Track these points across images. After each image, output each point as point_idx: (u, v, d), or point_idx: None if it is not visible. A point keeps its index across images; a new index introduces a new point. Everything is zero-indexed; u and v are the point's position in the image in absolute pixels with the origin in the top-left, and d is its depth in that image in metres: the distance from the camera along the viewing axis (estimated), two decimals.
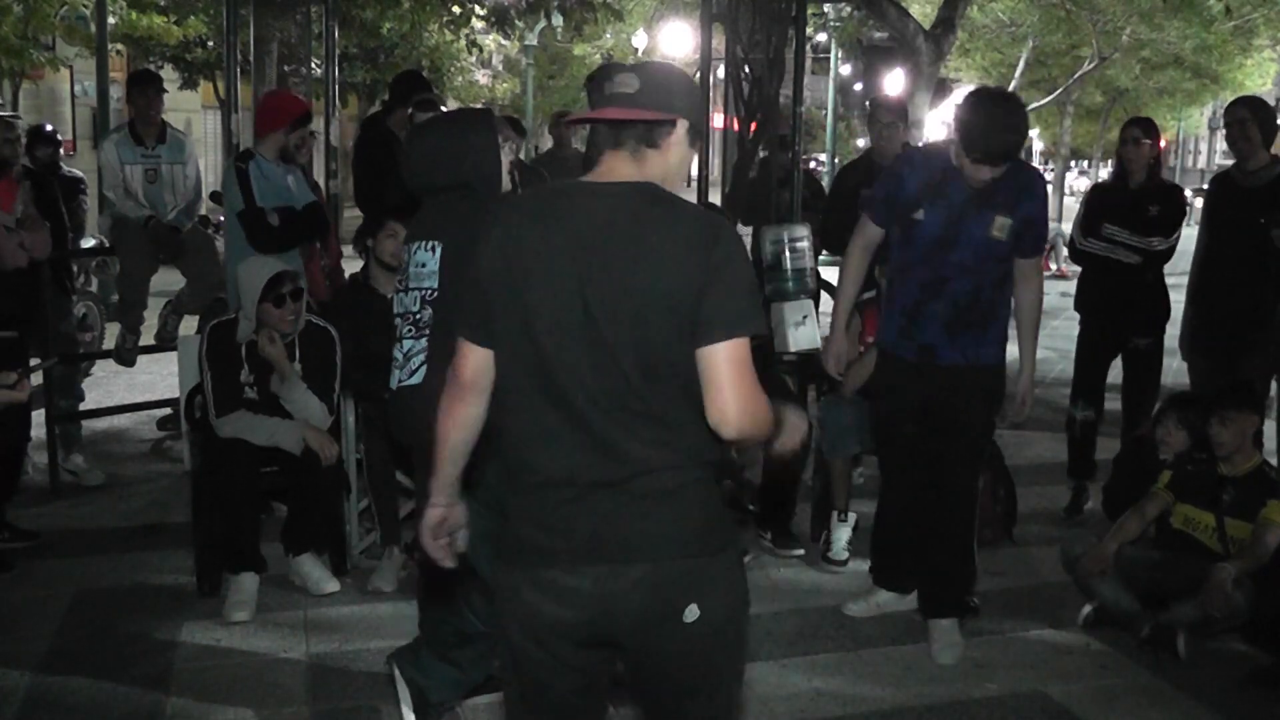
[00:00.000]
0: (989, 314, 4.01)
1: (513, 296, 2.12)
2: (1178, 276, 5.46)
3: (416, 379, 3.24)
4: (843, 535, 4.92)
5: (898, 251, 4.06)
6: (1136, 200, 5.36)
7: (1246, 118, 5.08)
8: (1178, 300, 5.45)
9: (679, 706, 2.26)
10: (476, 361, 2.22)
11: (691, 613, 2.12)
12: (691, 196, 8.43)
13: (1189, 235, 5.46)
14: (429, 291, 3.22)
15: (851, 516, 4.93)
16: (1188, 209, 5.80)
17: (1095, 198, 5.70)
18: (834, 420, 4.97)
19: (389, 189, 6.10)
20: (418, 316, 3.24)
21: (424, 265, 3.22)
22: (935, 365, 4.01)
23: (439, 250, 3.20)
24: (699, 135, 2.26)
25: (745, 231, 6.70)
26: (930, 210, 3.90)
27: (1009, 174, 3.85)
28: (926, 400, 4.05)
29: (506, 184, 3.29)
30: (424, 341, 3.24)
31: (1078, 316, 5.72)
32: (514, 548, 2.19)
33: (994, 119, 3.72)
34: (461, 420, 2.28)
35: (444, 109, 5.83)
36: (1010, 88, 23.03)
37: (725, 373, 2.05)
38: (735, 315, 2.06)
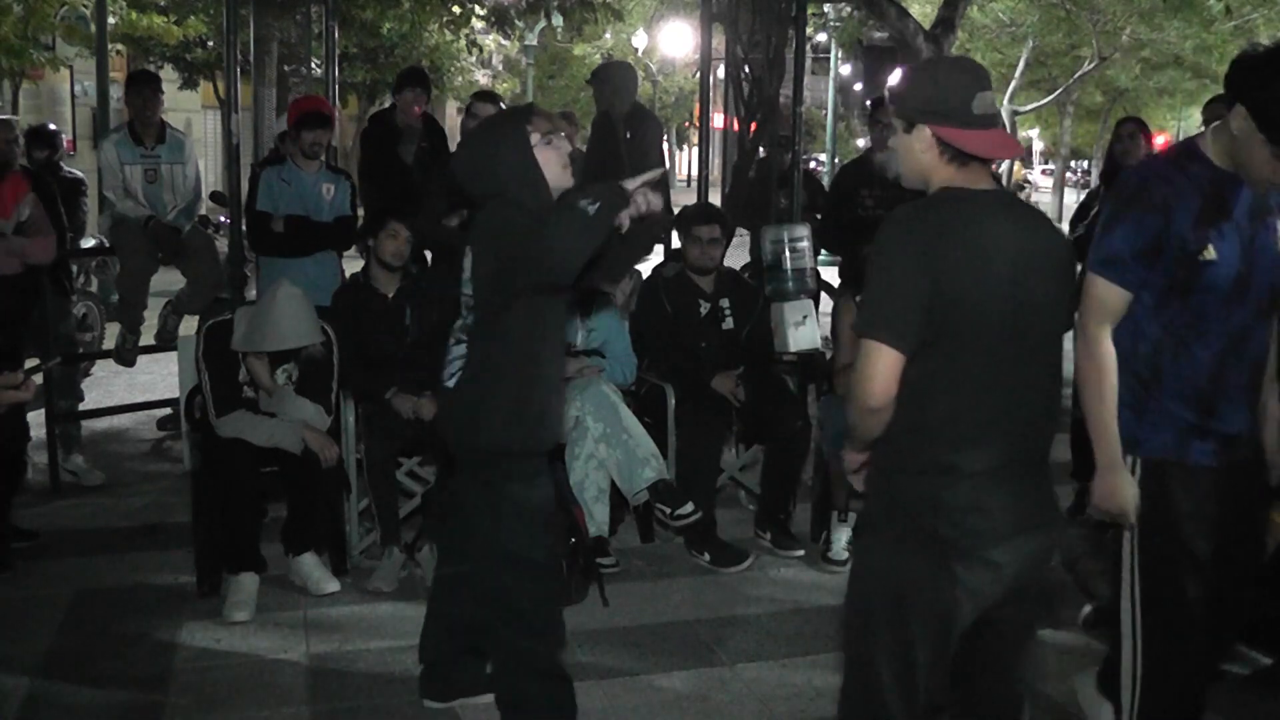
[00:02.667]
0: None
1: (951, 299, 2.28)
2: None
3: (450, 383, 3.26)
4: (843, 535, 4.91)
5: (1172, 315, 2.80)
6: None
7: (1221, 113, 5.08)
8: None
9: (1026, 640, 2.60)
10: (893, 366, 2.33)
11: (1054, 559, 2.55)
12: (690, 197, 8.45)
13: None
14: (469, 298, 3.24)
15: (852, 516, 4.93)
16: None
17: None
18: (834, 420, 4.98)
19: (391, 183, 6.12)
20: (465, 322, 3.25)
21: (465, 271, 3.23)
22: (1236, 464, 2.86)
23: (471, 257, 3.21)
24: None
25: (745, 231, 6.71)
26: (1222, 242, 2.72)
27: None
28: (1221, 522, 2.88)
29: (564, 180, 3.14)
30: (462, 348, 3.25)
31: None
32: (938, 537, 2.34)
33: None
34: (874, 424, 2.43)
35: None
36: (1010, 88, 23.13)
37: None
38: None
